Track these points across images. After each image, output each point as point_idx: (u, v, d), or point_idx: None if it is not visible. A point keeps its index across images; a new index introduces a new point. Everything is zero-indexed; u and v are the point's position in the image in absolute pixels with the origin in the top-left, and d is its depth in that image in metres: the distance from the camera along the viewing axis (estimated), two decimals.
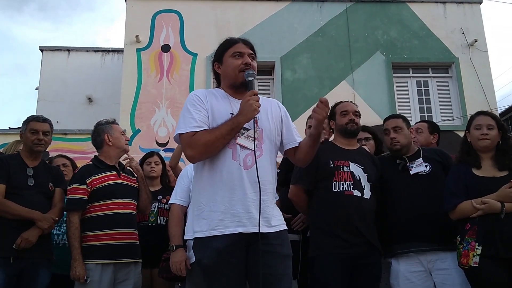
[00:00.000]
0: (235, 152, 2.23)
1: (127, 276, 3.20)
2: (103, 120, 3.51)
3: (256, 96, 2.22)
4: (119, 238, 3.18)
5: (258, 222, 2.14)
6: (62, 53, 12.65)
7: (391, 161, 3.30)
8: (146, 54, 10.03)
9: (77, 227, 3.15)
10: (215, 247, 2.15)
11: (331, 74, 10.13)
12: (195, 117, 2.25)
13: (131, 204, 3.36)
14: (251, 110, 2.17)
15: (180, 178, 3.37)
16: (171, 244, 3.12)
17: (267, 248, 2.15)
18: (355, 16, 10.52)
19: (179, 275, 3.06)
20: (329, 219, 2.96)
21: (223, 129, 2.19)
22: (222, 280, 2.16)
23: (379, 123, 9.55)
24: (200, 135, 2.21)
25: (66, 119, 11.11)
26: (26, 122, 3.35)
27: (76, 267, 3.05)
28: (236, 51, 2.37)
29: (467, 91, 10.14)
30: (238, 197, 2.18)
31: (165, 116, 9.68)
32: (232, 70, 2.35)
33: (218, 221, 2.17)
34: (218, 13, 10.35)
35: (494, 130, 2.97)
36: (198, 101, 2.31)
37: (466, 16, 10.73)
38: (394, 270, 3.10)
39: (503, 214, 2.73)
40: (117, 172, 3.37)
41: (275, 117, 2.42)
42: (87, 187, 3.22)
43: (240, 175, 2.20)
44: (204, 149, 2.20)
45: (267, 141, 2.32)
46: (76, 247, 3.10)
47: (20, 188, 3.18)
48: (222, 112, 2.28)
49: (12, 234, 3.04)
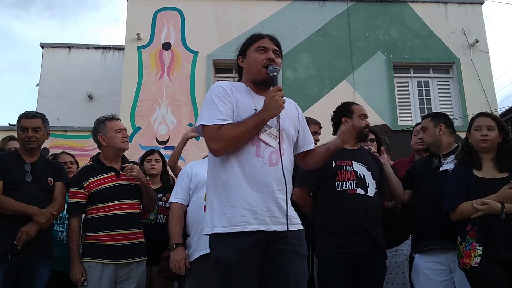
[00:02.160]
0: (258, 149, 2.19)
1: (129, 274, 3.18)
2: (102, 117, 3.40)
3: (281, 92, 2.18)
4: (119, 239, 3.15)
5: (286, 220, 2.13)
6: (63, 50, 12.63)
7: (429, 159, 3.31)
8: (147, 52, 10.02)
9: (75, 231, 3.16)
10: (237, 245, 2.10)
11: (331, 73, 10.12)
12: (221, 110, 2.19)
13: (133, 204, 3.30)
14: (277, 106, 2.14)
15: (180, 176, 3.35)
16: (171, 243, 3.10)
17: (287, 247, 2.11)
18: (357, 16, 10.51)
19: (178, 274, 3.05)
20: (333, 219, 2.96)
21: (249, 124, 2.15)
22: (240, 280, 2.11)
23: (379, 123, 9.69)
24: (226, 128, 2.15)
25: (66, 116, 11.11)
26: (18, 120, 3.32)
27: (73, 270, 3.08)
28: (261, 45, 2.32)
29: (467, 92, 10.13)
30: (262, 195, 2.15)
31: (166, 114, 9.68)
32: (255, 65, 2.30)
33: (240, 217, 2.12)
34: (219, 11, 10.34)
35: (494, 131, 2.97)
36: (224, 93, 2.24)
37: (468, 17, 10.72)
38: (416, 266, 3.15)
39: (503, 215, 2.73)
40: (116, 172, 3.30)
41: (294, 117, 2.41)
42: (85, 190, 3.20)
43: (264, 172, 2.16)
44: (230, 143, 2.15)
45: (286, 141, 2.30)
46: (74, 250, 3.12)
47: (18, 184, 3.17)
48: (246, 107, 2.24)
49: (9, 230, 3.04)
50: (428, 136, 3.29)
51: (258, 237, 2.12)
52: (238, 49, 2.45)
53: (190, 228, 3.17)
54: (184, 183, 3.26)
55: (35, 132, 3.27)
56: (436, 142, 3.25)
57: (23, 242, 3.03)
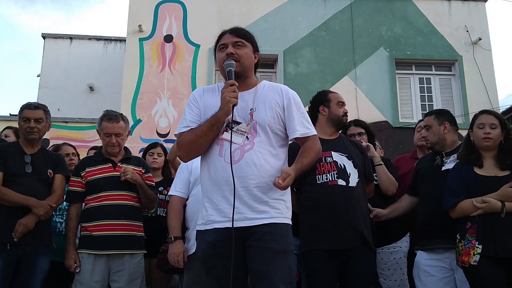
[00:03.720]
0: (221, 148, 2.23)
1: (121, 266, 3.19)
2: (103, 113, 3.42)
3: (231, 87, 2.16)
4: (110, 229, 3.17)
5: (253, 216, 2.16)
6: (64, 40, 12.60)
7: (432, 157, 3.30)
8: (149, 44, 9.99)
9: (72, 218, 3.27)
10: (208, 240, 2.22)
11: (333, 68, 10.09)
12: (186, 118, 2.32)
13: (127, 195, 3.29)
14: (225, 102, 2.15)
15: (180, 170, 3.35)
16: (170, 236, 3.11)
17: (257, 244, 2.15)
18: (360, 11, 10.46)
19: (176, 267, 3.05)
20: (316, 213, 2.90)
21: (204, 126, 2.22)
22: (215, 272, 2.23)
23: (380, 119, 9.69)
24: (184, 135, 2.28)
25: (67, 107, 11.10)
26: (20, 111, 3.33)
27: (66, 257, 3.19)
28: (221, 43, 2.36)
29: (469, 89, 10.10)
30: (224, 193, 2.19)
31: (167, 106, 9.66)
32: (220, 64, 2.35)
33: (209, 216, 2.23)
34: (221, 4, 10.30)
35: (497, 129, 2.94)
36: (193, 100, 2.36)
37: (471, 14, 10.67)
38: (417, 263, 3.16)
39: (503, 214, 2.72)
40: (113, 164, 3.35)
41: (274, 105, 2.30)
42: (82, 179, 3.31)
43: (224, 171, 2.18)
44: (188, 148, 2.27)
45: (262, 133, 2.25)
46: (69, 237, 3.24)
47: (17, 175, 3.17)
48: (213, 108, 2.24)
49: (9, 221, 3.04)
50: (433, 135, 3.24)
51: (227, 232, 2.13)
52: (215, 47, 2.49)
53: (189, 221, 3.18)
54: (183, 176, 3.26)
55: (37, 123, 3.28)
56: (441, 141, 3.22)
57: (21, 234, 3.03)
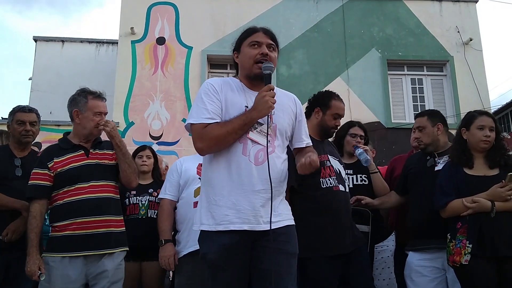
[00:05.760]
0: (245, 147, 2.15)
1: (101, 268, 2.79)
2: (86, 89, 3.00)
3: (272, 92, 2.13)
4: (88, 227, 2.77)
5: (269, 221, 2.09)
6: (56, 43, 12.55)
7: (422, 157, 3.30)
8: (141, 47, 9.98)
9: (35, 217, 2.77)
10: (222, 243, 2.10)
11: (326, 70, 10.12)
12: (208, 108, 2.17)
13: (106, 186, 2.91)
14: (266, 107, 2.10)
15: (170, 172, 3.34)
16: (160, 239, 3.10)
17: (271, 245, 2.08)
18: (351, 13, 10.51)
19: (168, 270, 3.04)
20: (320, 218, 2.85)
21: (235, 124, 2.12)
22: (226, 276, 2.12)
23: (373, 120, 9.71)
24: (211, 128, 2.13)
25: (59, 110, 11.00)
26: (12, 113, 3.31)
27: (28, 262, 2.68)
28: (254, 40, 2.27)
29: (461, 90, 10.17)
30: (246, 194, 2.11)
31: (159, 109, 9.65)
32: (248, 60, 2.25)
33: (223, 216, 2.11)
34: (214, 6, 10.30)
35: (494, 132, 2.95)
36: (213, 91, 2.21)
37: (462, 15, 10.74)
38: (409, 263, 3.15)
39: (493, 213, 2.73)
40: (86, 151, 2.95)
41: (290, 113, 2.34)
42: (49, 171, 2.85)
43: (249, 171, 2.13)
44: (214, 142, 2.13)
45: (279, 137, 2.26)
46: (32, 239, 2.73)
47: (8, 178, 3.15)
48: (236, 105, 2.19)
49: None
50: (427, 136, 3.24)
51: (242, 235, 2.10)
52: (233, 44, 2.41)
53: (179, 224, 3.16)
54: (173, 179, 3.24)
55: (32, 126, 3.30)
56: (434, 142, 3.23)
57: (10, 239, 3.02)
